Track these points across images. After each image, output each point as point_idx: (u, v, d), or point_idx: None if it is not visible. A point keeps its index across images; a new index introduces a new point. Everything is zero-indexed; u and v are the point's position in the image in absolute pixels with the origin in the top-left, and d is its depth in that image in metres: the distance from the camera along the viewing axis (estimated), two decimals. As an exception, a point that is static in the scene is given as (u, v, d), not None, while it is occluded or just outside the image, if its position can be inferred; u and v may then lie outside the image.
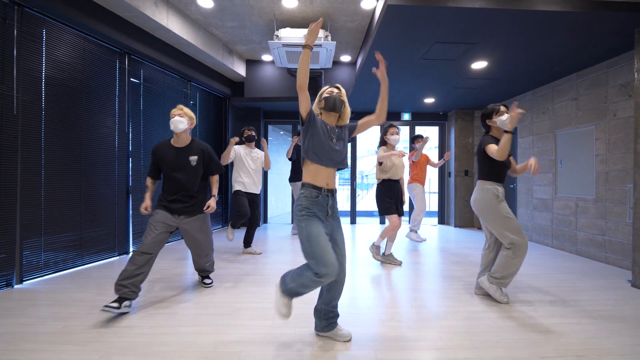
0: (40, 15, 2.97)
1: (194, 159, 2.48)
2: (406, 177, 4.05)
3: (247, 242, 4.08)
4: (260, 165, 3.99)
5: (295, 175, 4.97)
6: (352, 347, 1.80)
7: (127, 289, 2.16)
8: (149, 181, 2.58)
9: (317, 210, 1.70)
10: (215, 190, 2.69)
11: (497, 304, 2.43)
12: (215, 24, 4.40)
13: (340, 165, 1.80)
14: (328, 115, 1.83)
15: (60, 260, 3.16)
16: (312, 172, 1.74)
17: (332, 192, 1.77)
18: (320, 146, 1.71)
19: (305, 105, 1.68)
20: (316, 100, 1.87)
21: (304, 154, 1.76)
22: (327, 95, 1.82)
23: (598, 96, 3.83)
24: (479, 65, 3.91)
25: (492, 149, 2.35)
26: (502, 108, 2.46)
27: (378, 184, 3.56)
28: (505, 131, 2.25)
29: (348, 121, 1.90)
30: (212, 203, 2.58)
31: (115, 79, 3.77)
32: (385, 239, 3.59)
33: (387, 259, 3.60)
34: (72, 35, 3.28)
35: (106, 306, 2.07)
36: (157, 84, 4.42)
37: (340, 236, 1.80)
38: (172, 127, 2.41)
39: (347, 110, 1.86)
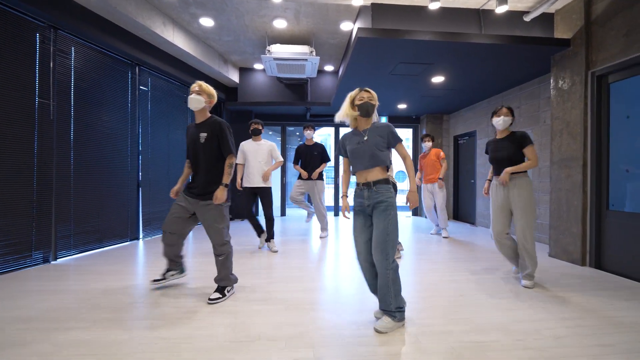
0: (70, 36, 3.53)
1: (203, 135, 2.29)
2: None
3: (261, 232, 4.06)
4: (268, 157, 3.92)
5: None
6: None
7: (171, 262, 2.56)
8: (186, 164, 2.51)
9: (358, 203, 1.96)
10: (224, 178, 2.32)
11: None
12: (214, 38, 5.01)
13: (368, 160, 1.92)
14: (361, 119, 1.97)
15: (84, 242, 3.73)
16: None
17: (367, 186, 1.93)
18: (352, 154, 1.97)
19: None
20: (347, 105, 1.99)
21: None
22: (359, 102, 1.93)
23: (534, 106, 4.68)
24: (438, 79, 4.69)
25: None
26: (503, 110, 2.50)
27: None
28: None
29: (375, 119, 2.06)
30: (218, 193, 2.26)
31: (127, 87, 4.34)
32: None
33: None
34: (94, 51, 3.84)
35: (154, 280, 2.53)
36: (161, 90, 5.00)
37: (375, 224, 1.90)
38: (189, 105, 2.30)
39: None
